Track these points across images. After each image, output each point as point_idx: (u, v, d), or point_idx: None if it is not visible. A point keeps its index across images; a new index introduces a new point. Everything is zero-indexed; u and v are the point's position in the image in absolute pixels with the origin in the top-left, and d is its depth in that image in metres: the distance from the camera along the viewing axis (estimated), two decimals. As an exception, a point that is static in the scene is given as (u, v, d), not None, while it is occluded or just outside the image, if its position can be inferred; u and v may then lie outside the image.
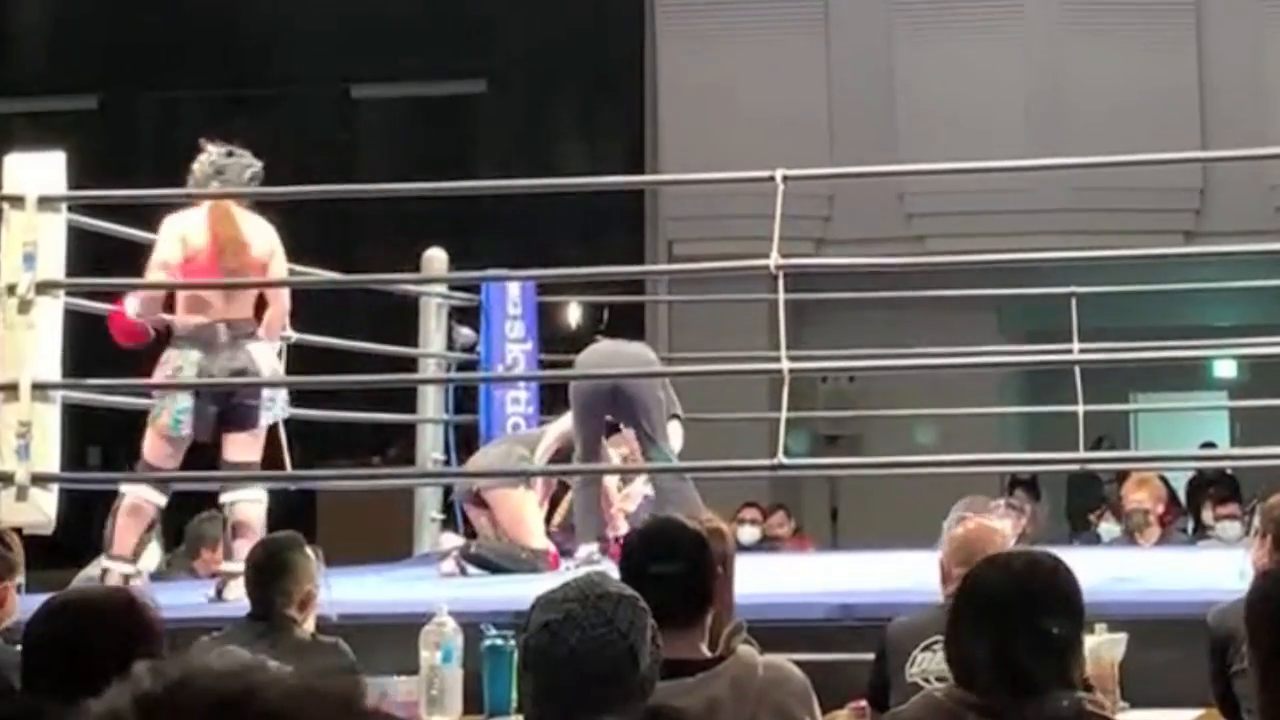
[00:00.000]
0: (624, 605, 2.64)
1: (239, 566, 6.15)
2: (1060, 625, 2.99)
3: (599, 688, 2.58)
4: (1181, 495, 11.04)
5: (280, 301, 6.52)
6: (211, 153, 6.48)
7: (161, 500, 6.48)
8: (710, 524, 4.13)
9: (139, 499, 6.37)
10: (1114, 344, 8.18)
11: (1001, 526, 4.69)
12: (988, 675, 2.94)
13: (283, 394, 6.57)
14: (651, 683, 2.66)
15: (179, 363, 6.29)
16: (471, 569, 7.31)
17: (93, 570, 6.97)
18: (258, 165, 6.59)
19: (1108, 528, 9.71)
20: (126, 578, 6.19)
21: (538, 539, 7.51)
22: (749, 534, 9.75)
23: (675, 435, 7.53)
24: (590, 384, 7.27)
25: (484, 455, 8.03)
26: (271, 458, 6.70)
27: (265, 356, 6.43)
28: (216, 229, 6.33)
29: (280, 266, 6.50)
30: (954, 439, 9.46)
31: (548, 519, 7.94)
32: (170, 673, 1.16)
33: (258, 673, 1.16)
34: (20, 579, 4.81)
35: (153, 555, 7.99)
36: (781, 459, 5.90)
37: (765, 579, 6.10)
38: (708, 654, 3.23)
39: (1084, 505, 11.00)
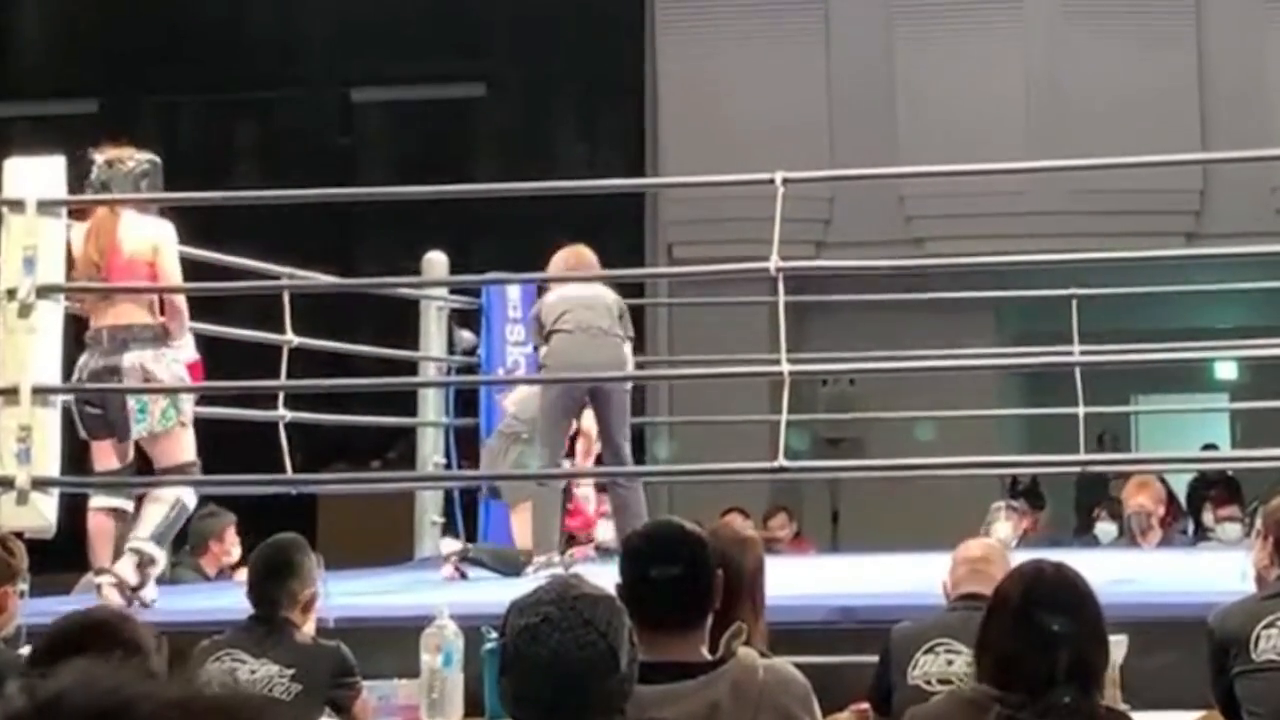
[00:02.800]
0: (601, 605, 2.64)
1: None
2: (1063, 625, 3.08)
3: (580, 688, 2.58)
4: (1182, 497, 11.04)
5: (171, 304, 6.27)
6: (96, 166, 6.30)
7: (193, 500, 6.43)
8: (743, 533, 4.16)
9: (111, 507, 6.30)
10: (1115, 346, 8.18)
11: (1001, 536, 4.71)
12: (1004, 673, 3.11)
13: (179, 404, 6.26)
14: (632, 682, 2.66)
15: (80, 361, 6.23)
16: (471, 572, 7.33)
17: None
18: (143, 160, 6.36)
19: (1104, 528, 9.71)
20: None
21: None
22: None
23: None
24: (565, 384, 7.22)
25: (487, 453, 8.06)
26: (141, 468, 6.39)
27: (153, 362, 6.18)
28: (86, 240, 6.27)
29: (164, 263, 6.23)
30: (954, 441, 9.45)
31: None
32: (43, 690, 1.13)
33: (134, 686, 1.13)
34: (24, 585, 4.80)
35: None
36: (782, 461, 5.89)
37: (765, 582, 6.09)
38: (708, 657, 3.23)
39: (1090, 506, 11.00)
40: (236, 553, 7.97)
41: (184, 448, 6.29)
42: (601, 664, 2.59)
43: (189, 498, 6.35)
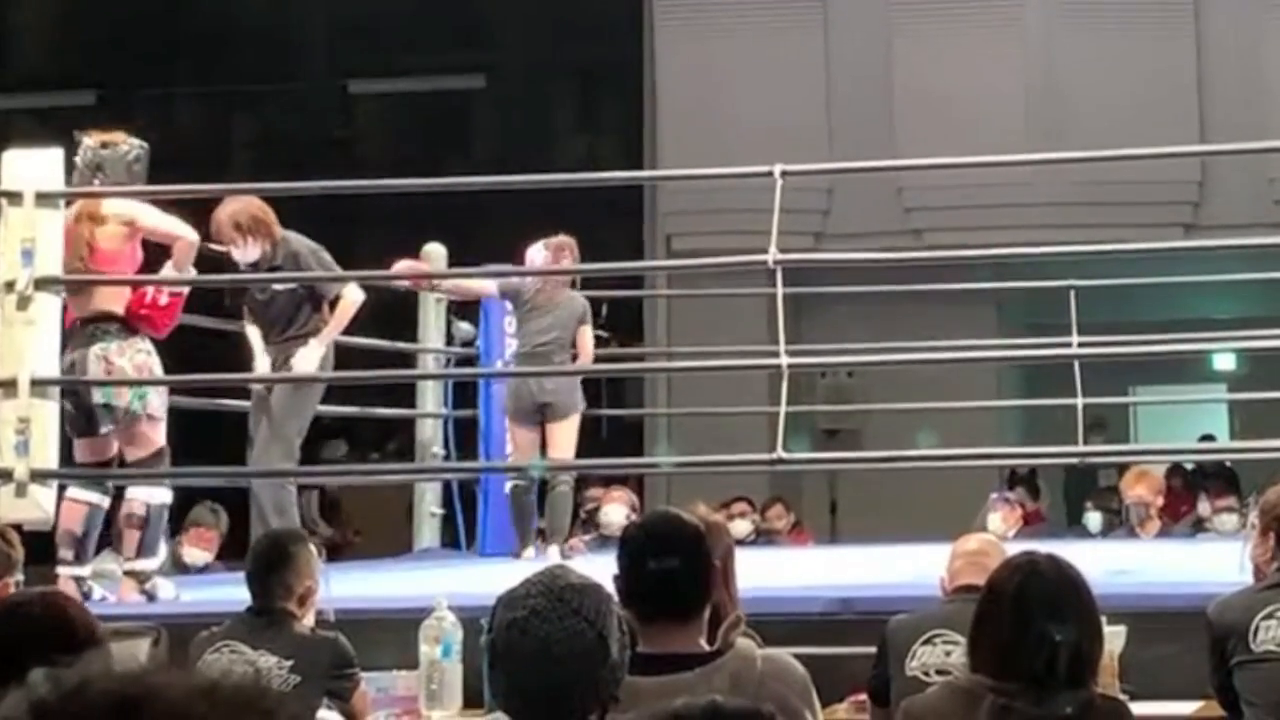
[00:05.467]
0: (588, 594, 2.64)
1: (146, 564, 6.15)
2: (1058, 621, 3.08)
3: (571, 678, 2.58)
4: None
5: (174, 246, 6.25)
6: (86, 147, 6.28)
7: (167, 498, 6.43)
8: (709, 519, 4.16)
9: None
10: (1113, 337, 8.18)
11: (993, 527, 4.71)
12: (1000, 664, 3.12)
13: (147, 395, 6.22)
14: (623, 669, 2.66)
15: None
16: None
17: (106, 565, 6.95)
18: (136, 146, 6.36)
19: (1091, 517, 9.73)
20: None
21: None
22: (742, 528, 9.72)
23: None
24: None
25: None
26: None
27: (117, 355, 6.18)
28: (76, 224, 6.25)
29: (148, 224, 6.21)
30: (953, 433, 9.45)
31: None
32: (67, 679, 1.13)
33: (157, 675, 1.14)
34: (19, 576, 4.80)
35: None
36: (781, 453, 5.90)
37: (764, 573, 6.10)
38: (706, 648, 3.23)
39: (1081, 496, 11.02)
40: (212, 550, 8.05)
41: (153, 438, 6.28)
42: (592, 653, 2.59)
43: (160, 497, 6.32)
